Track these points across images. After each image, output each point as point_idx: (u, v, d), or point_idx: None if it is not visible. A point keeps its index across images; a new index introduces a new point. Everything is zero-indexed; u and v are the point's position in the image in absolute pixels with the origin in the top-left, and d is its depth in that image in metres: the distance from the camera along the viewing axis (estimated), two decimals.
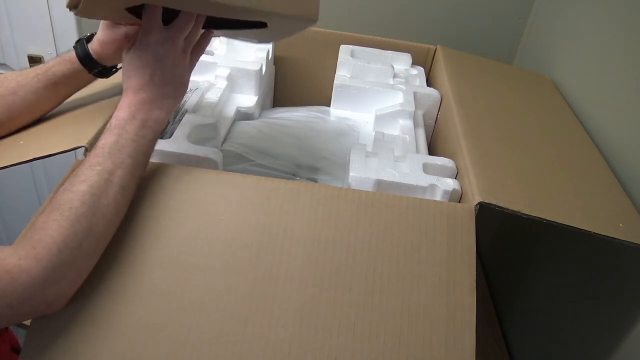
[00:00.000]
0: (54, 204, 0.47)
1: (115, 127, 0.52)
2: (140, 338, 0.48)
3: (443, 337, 0.50)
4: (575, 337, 0.72)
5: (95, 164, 0.50)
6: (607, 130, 0.75)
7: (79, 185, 0.48)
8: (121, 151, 0.51)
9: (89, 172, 0.49)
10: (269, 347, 0.48)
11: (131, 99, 0.54)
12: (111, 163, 0.50)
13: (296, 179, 0.72)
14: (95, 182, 0.49)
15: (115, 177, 0.50)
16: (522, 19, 1.11)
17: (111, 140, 0.51)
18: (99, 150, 0.51)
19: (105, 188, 0.49)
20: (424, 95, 0.83)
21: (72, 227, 0.46)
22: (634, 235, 0.56)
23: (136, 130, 0.53)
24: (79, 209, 0.47)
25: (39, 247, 0.44)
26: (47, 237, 0.45)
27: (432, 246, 0.54)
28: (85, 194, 0.48)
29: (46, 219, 0.46)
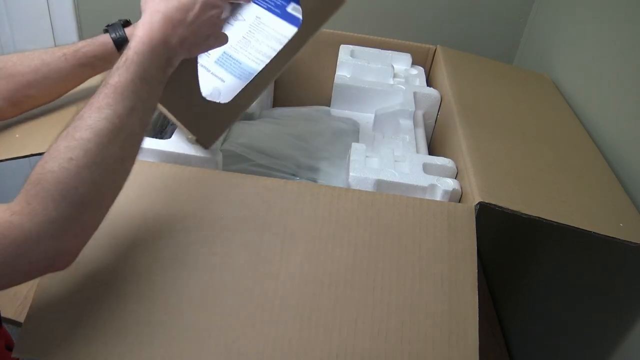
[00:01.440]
0: (52, 152, 0.42)
1: (131, 62, 0.47)
2: (139, 336, 0.48)
3: (446, 333, 0.50)
4: (575, 337, 0.72)
5: (104, 105, 0.44)
6: (607, 130, 0.75)
7: (83, 131, 0.43)
8: (135, 93, 0.46)
9: (96, 115, 0.44)
10: (269, 344, 0.48)
11: (155, 29, 0.49)
12: (122, 106, 0.45)
13: (296, 179, 0.72)
14: (103, 128, 0.43)
15: (125, 123, 0.45)
16: (522, 19, 1.11)
17: (124, 78, 0.46)
18: (110, 90, 0.45)
19: (113, 136, 0.44)
20: (424, 95, 0.83)
21: (71, 180, 0.41)
22: (634, 235, 0.56)
23: (152, 70, 0.48)
24: (81, 159, 0.42)
25: (34, 203, 0.40)
26: (43, 192, 0.40)
27: (433, 244, 0.55)
28: (89, 142, 0.42)
29: (42, 170, 0.41)
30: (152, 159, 0.63)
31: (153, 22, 0.50)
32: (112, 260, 0.51)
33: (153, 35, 0.49)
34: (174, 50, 0.51)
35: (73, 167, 0.41)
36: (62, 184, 0.41)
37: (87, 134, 0.43)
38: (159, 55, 0.49)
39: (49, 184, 0.41)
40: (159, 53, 0.49)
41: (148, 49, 0.48)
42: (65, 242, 0.42)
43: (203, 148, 0.61)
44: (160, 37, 0.49)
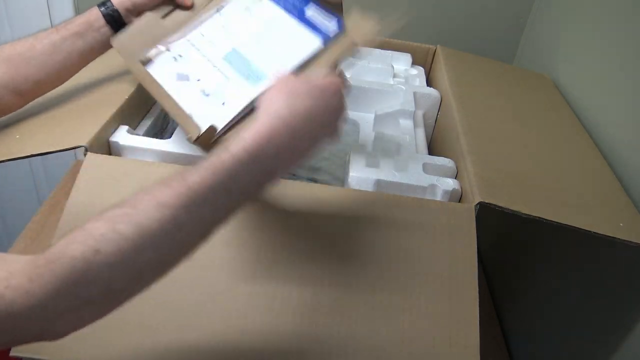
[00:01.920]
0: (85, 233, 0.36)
1: (222, 167, 0.39)
2: (139, 337, 0.48)
3: (447, 333, 0.50)
4: (575, 337, 0.72)
5: (166, 205, 0.37)
6: (607, 130, 0.75)
7: (128, 225, 0.36)
8: (210, 205, 0.39)
9: (152, 211, 0.37)
10: (269, 344, 0.48)
11: (268, 135, 0.41)
12: (186, 213, 0.38)
13: (296, 179, 0.72)
14: (150, 230, 0.36)
15: (180, 233, 0.38)
16: (522, 18, 1.11)
17: (206, 183, 0.38)
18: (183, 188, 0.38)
19: (158, 243, 0.37)
20: (424, 95, 0.83)
21: (87, 275, 0.35)
22: (634, 234, 0.56)
23: (246, 186, 0.40)
24: (109, 257, 0.35)
25: (36, 283, 0.34)
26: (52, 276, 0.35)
27: (433, 244, 0.55)
28: (127, 240, 0.36)
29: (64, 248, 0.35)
30: (152, 159, 0.63)
31: (269, 126, 0.41)
32: None
33: (263, 143, 0.40)
34: (283, 166, 0.42)
35: (96, 262, 0.35)
36: (75, 275, 0.35)
37: (130, 231, 0.36)
38: (261, 169, 0.41)
39: (63, 270, 0.35)
40: (262, 166, 0.41)
41: (251, 158, 0.40)
42: (57, 327, 0.37)
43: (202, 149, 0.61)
44: (272, 147, 0.41)
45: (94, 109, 0.65)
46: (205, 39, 0.67)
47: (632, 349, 0.61)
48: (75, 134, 0.59)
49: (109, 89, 0.70)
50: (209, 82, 0.63)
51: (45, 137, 0.60)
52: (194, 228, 0.38)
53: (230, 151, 0.39)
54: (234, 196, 0.40)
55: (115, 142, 0.63)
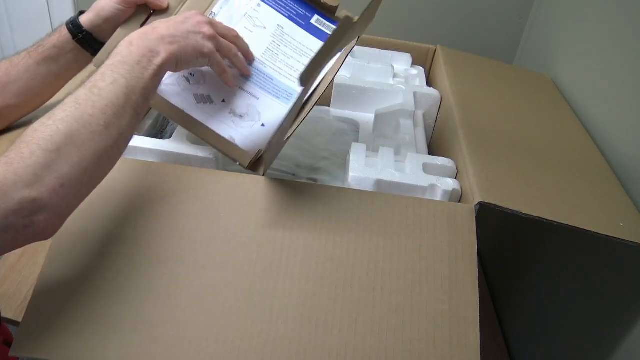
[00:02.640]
0: (38, 119, 0.45)
1: (114, 54, 0.51)
2: (138, 335, 0.48)
3: (447, 333, 0.50)
4: (575, 337, 0.72)
5: (87, 80, 0.48)
6: (607, 130, 0.75)
7: (65, 98, 0.47)
8: (114, 72, 0.49)
9: (78, 88, 0.47)
10: (268, 343, 0.48)
11: (135, 32, 0.53)
12: (101, 80, 0.48)
13: (296, 179, 0.72)
14: (81, 94, 0.46)
15: (103, 90, 0.47)
16: (522, 19, 1.11)
17: (106, 63, 0.50)
18: (96, 71, 0.49)
19: (92, 101, 0.46)
20: (424, 95, 0.83)
21: (47, 130, 0.43)
22: (634, 234, 0.56)
23: (133, 57, 0.50)
24: (58, 115, 0.44)
25: (12, 153, 0.42)
26: (20, 143, 0.43)
27: (433, 244, 0.55)
28: (67, 104, 0.46)
29: (26, 129, 0.44)
30: (152, 159, 0.63)
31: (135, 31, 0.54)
32: (111, 259, 0.51)
33: (131, 35, 0.53)
34: (154, 42, 0.53)
35: (51, 122, 0.44)
36: (38, 134, 0.43)
37: (68, 100, 0.46)
38: (137, 46, 0.51)
39: (27, 136, 0.43)
40: (137, 44, 0.51)
41: (126, 42, 0.52)
42: (43, 193, 0.41)
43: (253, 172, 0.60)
44: (138, 34, 0.53)
45: None
46: None
47: (632, 349, 0.61)
48: None
49: None
50: (237, 103, 0.63)
51: None
52: (115, 89, 0.48)
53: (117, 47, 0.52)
54: (132, 65, 0.50)
55: None
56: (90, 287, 0.49)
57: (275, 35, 0.66)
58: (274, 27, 0.66)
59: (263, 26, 0.66)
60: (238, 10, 0.67)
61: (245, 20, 0.66)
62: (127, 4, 0.61)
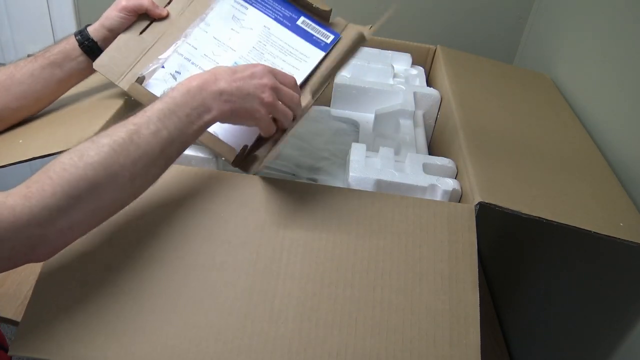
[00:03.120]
0: (71, 151, 0.44)
1: (168, 97, 0.49)
2: (137, 335, 0.48)
3: (447, 333, 0.50)
4: (575, 337, 0.72)
5: (130, 123, 0.47)
6: (607, 130, 0.75)
7: (103, 138, 0.45)
8: (161, 121, 0.48)
9: (120, 128, 0.46)
10: (269, 343, 0.48)
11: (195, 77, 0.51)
12: (146, 129, 0.47)
13: (296, 179, 0.72)
14: (120, 138, 0.45)
15: (144, 142, 0.46)
16: (522, 19, 1.11)
17: (156, 107, 0.48)
18: (140, 113, 0.48)
19: (128, 149, 0.45)
20: (424, 95, 0.83)
21: (76, 173, 0.43)
22: (634, 234, 0.56)
23: (186, 109, 0.49)
24: (91, 157, 0.44)
25: (33, 187, 0.42)
26: (46, 178, 0.42)
27: (433, 244, 0.55)
28: (104, 145, 0.45)
29: (55, 161, 0.44)
30: None
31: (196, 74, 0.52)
32: (110, 259, 0.51)
33: (192, 81, 0.51)
34: (210, 97, 0.51)
35: (82, 163, 0.43)
36: (66, 174, 0.42)
37: (105, 140, 0.45)
38: (193, 97, 0.50)
39: (55, 172, 0.43)
40: (193, 94, 0.50)
41: (185, 88, 0.50)
42: (51, 232, 0.43)
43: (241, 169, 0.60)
44: (198, 82, 0.51)
45: (94, 111, 0.66)
46: (199, 52, 0.66)
47: (631, 349, 0.61)
48: (76, 134, 0.60)
49: (109, 90, 0.70)
50: None
51: (47, 140, 0.60)
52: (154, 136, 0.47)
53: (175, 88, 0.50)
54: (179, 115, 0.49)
55: None
56: (90, 287, 0.49)
57: (262, 35, 0.67)
58: (261, 28, 0.68)
59: (250, 27, 0.68)
60: (227, 13, 0.68)
61: (233, 22, 0.68)
62: (128, 12, 0.62)
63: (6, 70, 0.62)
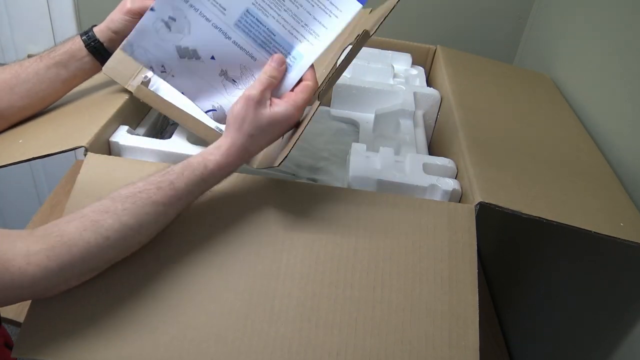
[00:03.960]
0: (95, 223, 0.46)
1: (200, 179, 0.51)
2: (138, 336, 0.48)
3: (446, 333, 0.50)
4: (575, 337, 0.72)
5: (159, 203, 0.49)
6: (607, 129, 0.75)
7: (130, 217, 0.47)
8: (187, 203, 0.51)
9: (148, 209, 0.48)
10: (268, 343, 0.48)
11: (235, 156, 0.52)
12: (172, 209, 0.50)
13: (296, 179, 0.72)
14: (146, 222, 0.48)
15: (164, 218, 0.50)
16: (522, 19, 1.11)
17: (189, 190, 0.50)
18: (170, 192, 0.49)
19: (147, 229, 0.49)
20: (424, 95, 0.83)
21: (98, 253, 0.46)
22: (634, 234, 0.56)
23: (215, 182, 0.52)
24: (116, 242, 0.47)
25: (55, 262, 0.44)
26: (68, 254, 0.44)
27: (433, 244, 0.55)
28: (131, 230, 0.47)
29: (78, 235, 0.45)
30: (152, 159, 0.63)
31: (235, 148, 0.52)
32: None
33: (230, 163, 0.52)
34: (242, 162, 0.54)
35: (106, 245, 0.46)
36: (88, 255, 0.45)
37: (132, 222, 0.47)
38: (225, 174, 0.53)
39: (78, 249, 0.45)
40: (226, 173, 0.53)
41: (220, 171, 0.52)
42: (60, 288, 0.48)
43: None
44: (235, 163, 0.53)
45: (94, 110, 0.65)
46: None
47: (631, 349, 0.61)
48: (75, 134, 0.59)
49: (109, 89, 0.70)
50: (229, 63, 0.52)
51: (47, 139, 0.60)
52: (173, 215, 0.51)
53: (207, 166, 0.51)
54: (204, 189, 0.52)
55: (115, 143, 0.63)
56: (91, 288, 0.49)
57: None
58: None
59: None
60: None
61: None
62: (133, 14, 0.62)
63: (11, 69, 0.62)
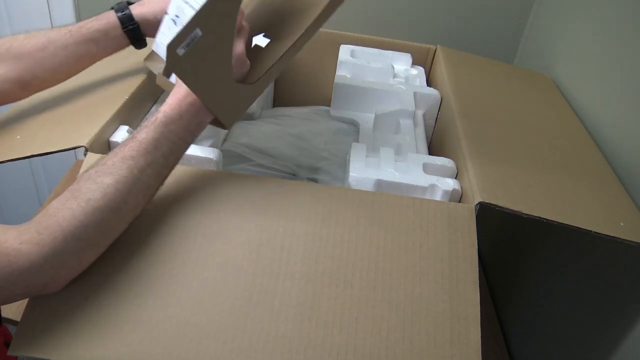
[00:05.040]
0: (73, 191, 0.46)
1: (159, 123, 0.50)
2: (137, 334, 0.48)
3: (447, 332, 0.50)
4: (575, 337, 0.72)
5: (128, 157, 0.48)
6: (607, 129, 0.75)
7: (105, 177, 0.47)
8: (157, 149, 0.50)
9: (119, 164, 0.48)
10: (269, 342, 0.48)
11: (183, 97, 0.52)
12: (144, 160, 0.49)
13: (296, 179, 0.72)
14: (123, 177, 0.47)
15: (144, 175, 0.49)
16: (522, 19, 1.11)
17: (151, 136, 0.50)
18: (135, 144, 0.49)
19: (131, 185, 0.48)
20: (424, 95, 0.83)
21: (85, 219, 0.45)
22: (634, 234, 0.56)
23: (178, 131, 0.51)
24: (98, 201, 0.46)
25: (45, 234, 0.43)
26: (56, 225, 0.44)
27: (433, 243, 0.55)
28: (108, 186, 0.46)
29: (61, 205, 0.45)
30: None
31: (182, 90, 0.53)
32: (110, 258, 0.51)
33: (182, 103, 0.52)
34: (203, 113, 0.54)
35: (90, 207, 0.45)
36: (75, 221, 0.44)
37: (108, 180, 0.47)
38: (187, 120, 0.52)
39: (64, 219, 0.44)
40: (187, 119, 0.52)
41: (177, 114, 0.51)
42: (62, 272, 0.46)
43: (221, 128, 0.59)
44: (189, 105, 0.52)
45: (94, 109, 0.65)
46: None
47: (631, 349, 0.61)
48: (75, 134, 0.59)
49: (109, 89, 0.70)
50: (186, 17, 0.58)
51: (46, 138, 0.60)
52: (152, 167, 0.49)
53: (162, 112, 0.51)
54: (174, 140, 0.51)
55: (115, 142, 0.63)
56: (90, 286, 0.49)
57: None
58: None
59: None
60: None
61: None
62: None
63: (37, 40, 0.61)
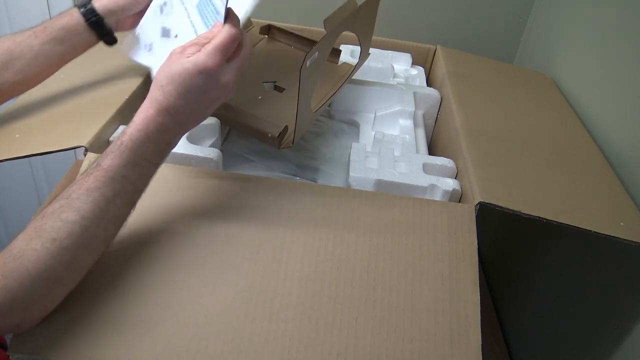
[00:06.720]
0: (37, 230, 0.43)
1: (125, 148, 0.46)
2: (136, 334, 0.48)
3: (447, 332, 0.50)
4: (575, 337, 0.72)
5: (93, 188, 0.45)
6: (607, 129, 0.75)
7: (70, 213, 0.43)
8: (125, 177, 0.46)
9: (84, 198, 0.44)
10: (268, 342, 0.48)
11: (152, 117, 0.47)
12: (111, 191, 0.45)
13: (296, 179, 0.72)
14: (89, 212, 0.44)
15: (112, 206, 0.45)
16: (522, 19, 1.11)
17: (117, 163, 0.46)
18: (100, 172, 0.45)
19: (99, 220, 0.45)
20: (424, 95, 0.83)
21: (51, 260, 0.42)
22: (634, 234, 0.56)
23: (147, 154, 0.47)
24: (64, 241, 0.43)
25: (11, 278, 0.41)
26: (22, 268, 0.41)
27: (433, 243, 0.55)
28: (74, 224, 0.43)
29: (25, 245, 0.42)
30: None
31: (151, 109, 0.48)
32: (110, 259, 0.51)
33: (150, 122, 0.47)
34: (174, 133, 0.49)
35: (55, 248, 0.42)
36: (41, 264, 0.42)
37: (73, 216, 0.43)
38: (156, 141, 0.48)
39: (29, 262, 0.41)
40: (156, 139, 0.48)
41: (144, 136, 0.47)
42: (33, 312, 0.44)
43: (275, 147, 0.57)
44: (158, 125, 0.47)
45: (94, 109, 0.65)
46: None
47: (631, 349, 0.61)
48: (75, 134, 0.59)
49: (109, 89, 0.70)
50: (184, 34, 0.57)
51: (46, 137, 0.60)
52: (120, 197, 0.46)
53: (127, 134, 0.47)
54: (142, 164, 0.47)
55: None
56: (88, 286, 0.49)
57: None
58: None
59: None
60: None
61: None
62: None
63: (2, 44, 0.60)
